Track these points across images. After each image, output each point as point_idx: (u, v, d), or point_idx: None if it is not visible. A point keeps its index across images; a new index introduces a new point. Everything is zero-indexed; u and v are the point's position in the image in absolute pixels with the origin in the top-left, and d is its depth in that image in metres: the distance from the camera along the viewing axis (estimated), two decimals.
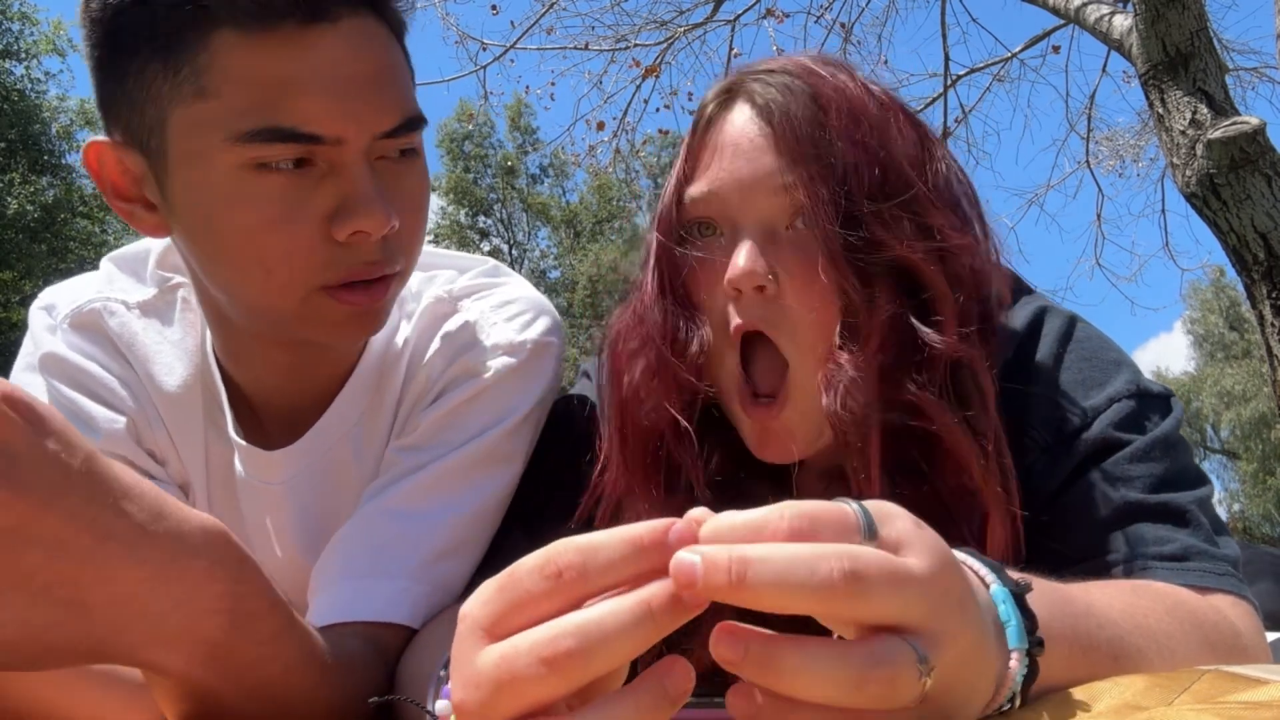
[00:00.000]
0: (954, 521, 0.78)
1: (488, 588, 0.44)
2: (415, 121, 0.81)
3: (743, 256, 0.80)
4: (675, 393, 0.84)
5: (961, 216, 0.85)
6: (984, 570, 0.51)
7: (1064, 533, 0.82)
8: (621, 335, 0.90)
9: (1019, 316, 0.92)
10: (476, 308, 0.99)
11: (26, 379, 0.94)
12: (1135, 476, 0.82)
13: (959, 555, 0.50)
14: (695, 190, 0.86)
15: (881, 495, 0.73)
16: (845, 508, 0.43)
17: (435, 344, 0.98)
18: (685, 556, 0.40)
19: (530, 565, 0.42)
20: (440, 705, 0.47)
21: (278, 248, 0.77)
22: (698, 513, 0.43)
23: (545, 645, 0.40)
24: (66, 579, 0.48)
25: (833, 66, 0.87)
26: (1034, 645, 0.48)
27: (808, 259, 0.80)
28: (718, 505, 0.63)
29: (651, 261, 0.89)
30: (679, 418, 0.84)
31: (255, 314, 0.85)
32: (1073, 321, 0.92)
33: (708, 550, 0.39)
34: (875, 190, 0.80)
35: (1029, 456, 0.85)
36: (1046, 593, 0.57)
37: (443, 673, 0.57)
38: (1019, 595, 0.50)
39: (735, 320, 0.82)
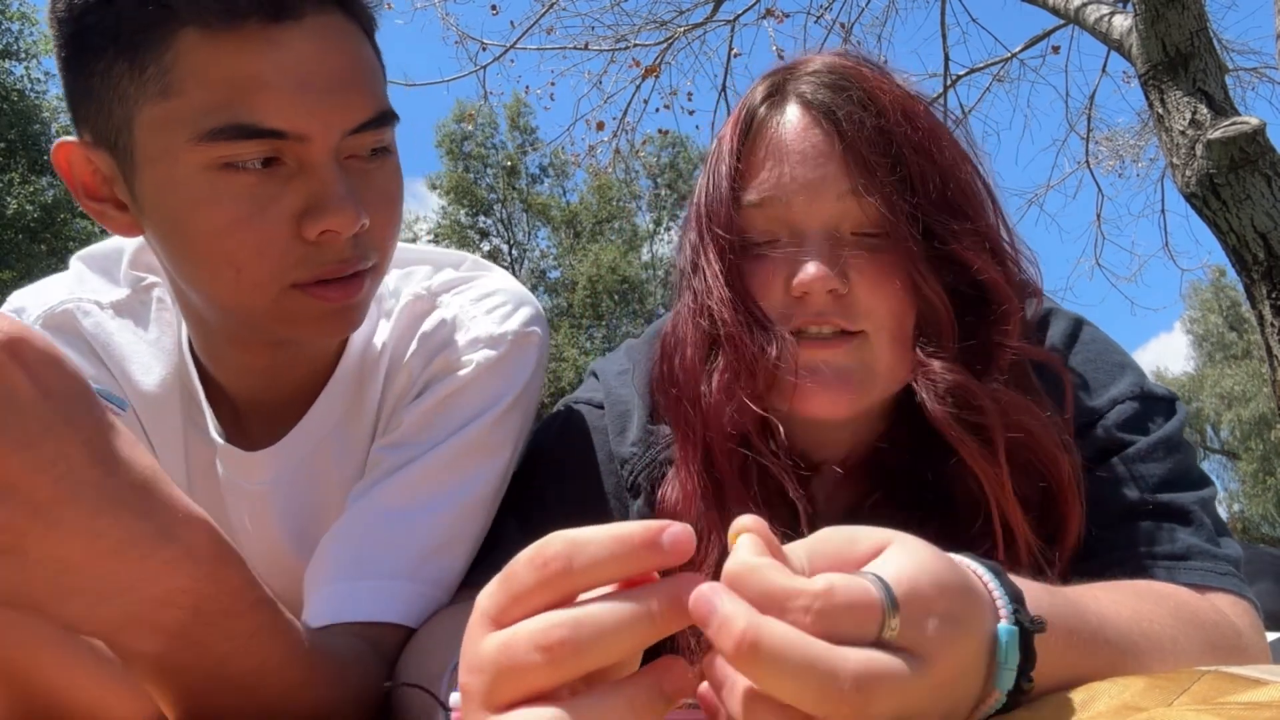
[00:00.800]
0: (1044, 522, 0.80)
1: (494, 579, 0.45)
2: (385, 117, 0.81)
3: (813, 265, 0.79)
4: (756, 399, 0.83)
5: (1003, 224, 0.87)
6: (1000, 597, 0.49)
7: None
8: (687, 341, 0.88)
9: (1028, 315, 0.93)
10: (455, 302, 0.98)
11: None
12: (1138, 476, 0.83)
13: (974, 568, 0.50)
14: (754, 195, 0.84)
15: (1011, 496, 0.76)
16: (870, 594, 0.41)
17: (415, 342, 0.97)
18: (707, 599, 0.40)
19: (524, 557, 0.44)
20: (454, 696, 0.48)
21: (247, 247, 0.77)
22: (747, 521, 0.43)
23: (540, 634, 0.41)
24: (7, 524, 0.47)
25: (872, 65, 0.86)
26: (1021, 691, 0.49)
27: (877, 263, 0.80)
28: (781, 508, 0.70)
29: (714, 264, 0.86)
30: (765, 414, 0.83)
31: (229, 313, 0.84)
32: (1079, 324, 0.93)
33: (729, 608, 0.40)
34: (940, 197, 0.80)
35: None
36: (1056, 621, 0.55)
37: (458, 663, 0.58)
38: (1024, 636, 0.48)
39: (802, 317, 0.82)
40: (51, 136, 16.46)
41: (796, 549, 0.45)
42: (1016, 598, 0.49)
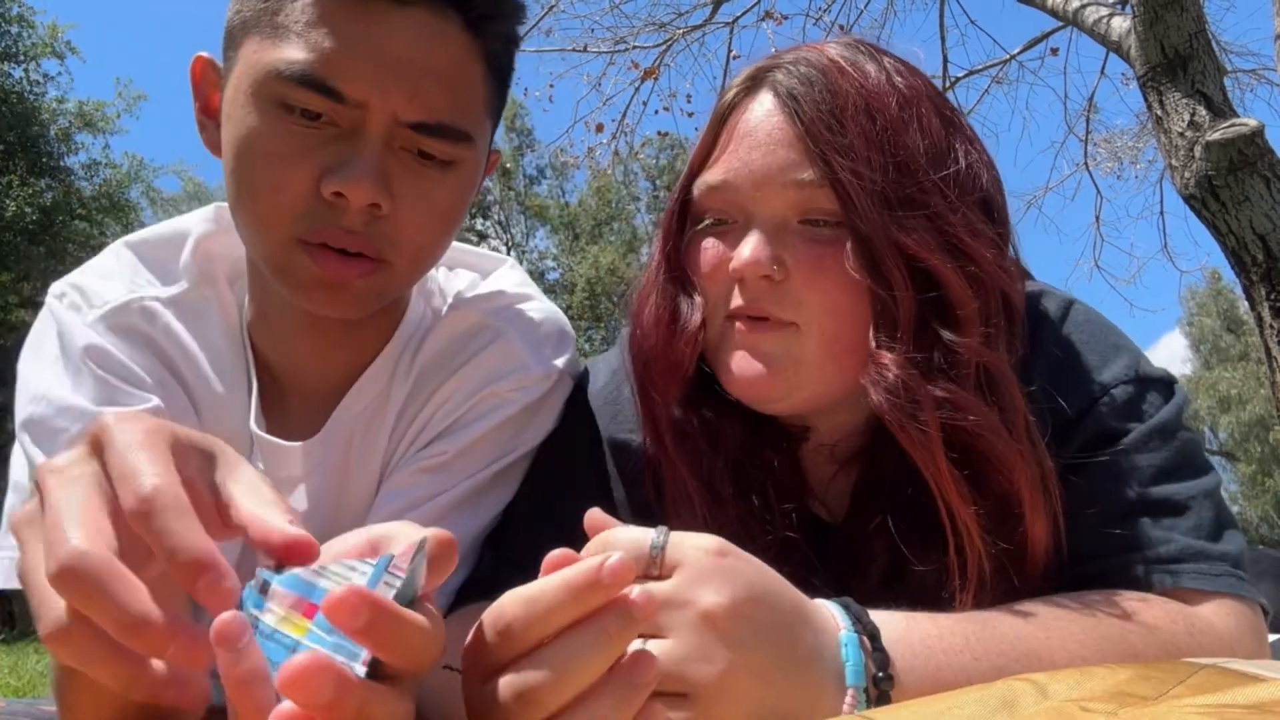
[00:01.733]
0: (1003, 524, 0.78)
1: (472, 633, 0.51)
2: (449, 130, 0.82)
3: (748, 247, 0.81)
4: (677, 370, 0.86)
5: (985, 213, 0.84)
6: (837, 613, 0.60)
7: (1065, 529, 0.80)
8: (635, 322, 0.93)
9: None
10: (509, 326, 1.00)
11: (55, 371, 0.91)
12: (1134, 469, 0.81)
13: (821, 602, 0.60)
14: (710, 177, 0.86)
15: (954, 489, 0.75)
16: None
17: (464, 359, 0.98)
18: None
19: (487, 620, 0.49)
20: None
21: (267, 181, 0.81)
22: (615, 564, 0.47)
23: (518, 682, 0.47)
24: None
25: (863, 54, 0.86)
26: (882, 681, 0.55)
27: (818, 252, 0.81)
28: (742, 477, 0.80)
29: (661, 240, 0.91)
30: (681, 390, 0.87)
31: (253, 251, 0.88)
32: (1069, 304, 0.91)
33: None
34: (890, 192, 0.79)
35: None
36: (924, 624, 0.64)
37: None
38: (871, 637, 0.56)
39: (737, 301, 0.83)
40: (50, 139, 16.47)
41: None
42: (846, 604, 0.60)
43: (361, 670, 0.43)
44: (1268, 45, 5.88)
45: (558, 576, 0.47)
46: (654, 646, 0.47)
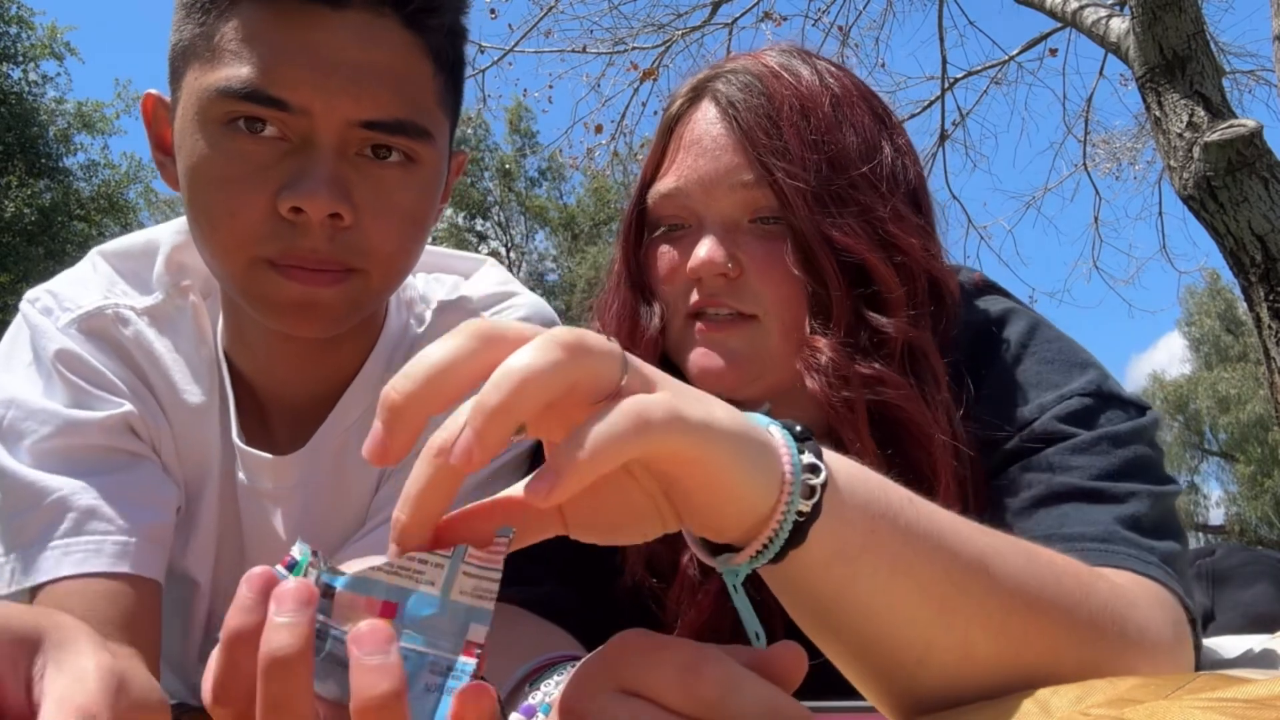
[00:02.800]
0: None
1: None
2: (405, 126, 0.80)
3: (704, 248, 0.86)
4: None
5: (912, 204, 0.90)
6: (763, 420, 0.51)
7: (994, 517, 0.80)
8: (598, 323, 0.96)
9: (982, 311, 0.93)
10: None
11: (27, 375, 0.91)
12: (1074, 466, 0.79)
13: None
14: (662, 186, 0.91)
15: (872, 462, 0.73)
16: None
17: None
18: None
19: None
20: (514, 717, 0.49)
21: (222, 205, 0.79)
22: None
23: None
24: None
25: (796, 59, 0.92)
26: (804, 437, 0.48)
27: (769, 249, 0.87)
28: None
29: (618, 258, 0.96)
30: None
31: (219, 278, 0.87)
32: (1035, 325, 0.91)
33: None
34: (823, 186, 0.85)
35: (969, 449, 0.84)
36: (860, 467, 0.54)
37: (529, 689, 0.62)
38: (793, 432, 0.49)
39: (695, 298, 0.88)
40: (49, 140, 16.47)
41: None
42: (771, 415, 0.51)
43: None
44: (1266, 46, 5.89)
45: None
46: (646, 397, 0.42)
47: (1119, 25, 4.83)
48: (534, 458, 1.02)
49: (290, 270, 0.80)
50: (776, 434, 0.48)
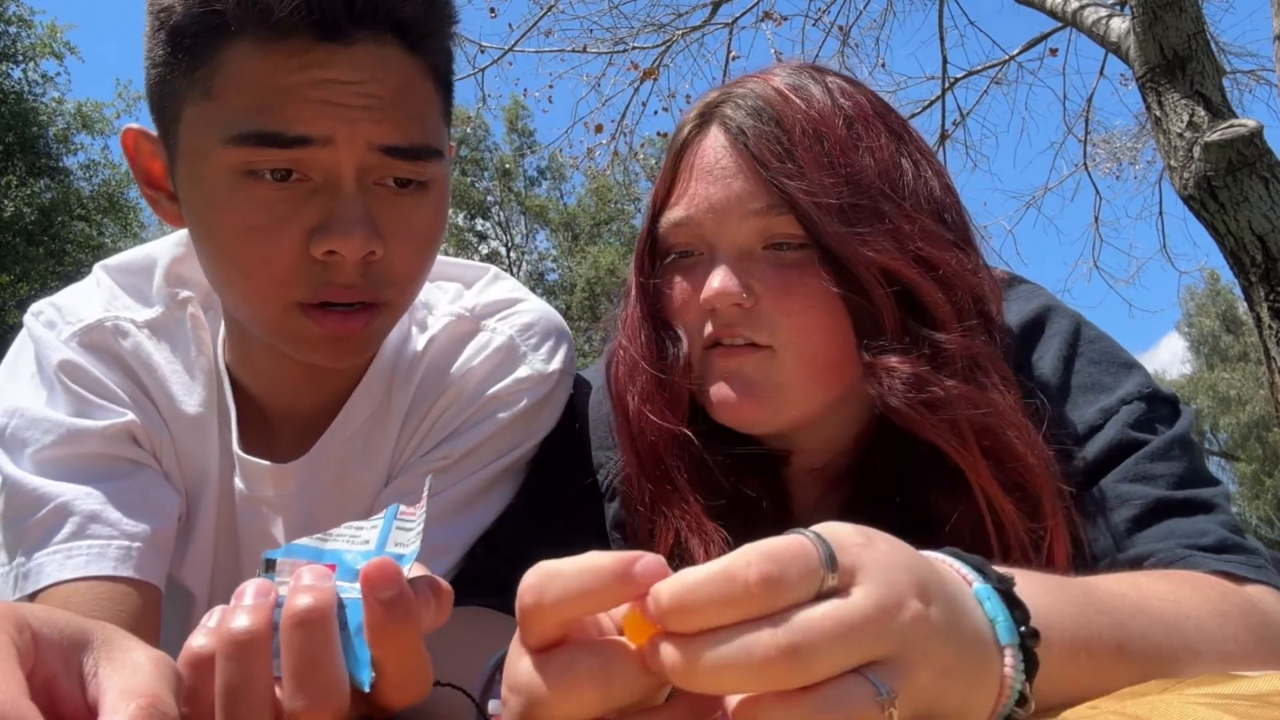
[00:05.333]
0: (1032, 518, 0.79)
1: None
2: (423, 151, 0.80)
3: (718, 278, 0.84)
4: (670, 407, 0.88)
5: (942, 223, 0.86)
6: (964, 569, 0.49)
7: (1090, 534, 0.81)
8: (617, 360, 0.94)
9: (1018, 311, 0.92)
10: (504, 329, 1.00)
11: (30, 386, 0.92)
12: (1159, 475, 0.81)
13: (936, 556, 0.50)
14: (673, 215, 0.89)
15: (990, 478, 0.76)
16: (804, 542, 0.42)
17: (462, 364, 0.99)
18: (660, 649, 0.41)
19: (521, 586, 0.45)
20: (494, 704, 0.50)
21: (256, 255, 0.78)
22: (650, 561, 0.43)
23: (566, 667, 0.43)
24: None
25: (807, 78, 0.89)
26: (1028, 637, 0.47)
27: (784, 276, 0.84)
28: (727, 509, 0.73)
29: (634, 287, 0.94)
30: (677, 427, 0.87)
31: (244, 319, 0.86)
32: (1079, 324, 0.92)
33: (664, 649, 0.41)
34: (847, 207, 0.82)
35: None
36: (1037, 582, 0.55)
37: (491, 671, 0.59)
38: (1004, 590, 0.48)
39: (711, 329, 0.86)
40: (49, 139, 16.47)
41: None
42: (976, 566, 0.49)
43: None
44: (1266, 46, 5.89)
45: (584, 559, 0.44)
46: (890, 678, 0.40)
47: (1119, 25, 4.83)
48: (533, 463, 1.02)
49: (321, 313, 0.80)
50: (1003, 637, 0.47)
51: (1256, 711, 0.43)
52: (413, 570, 0.46)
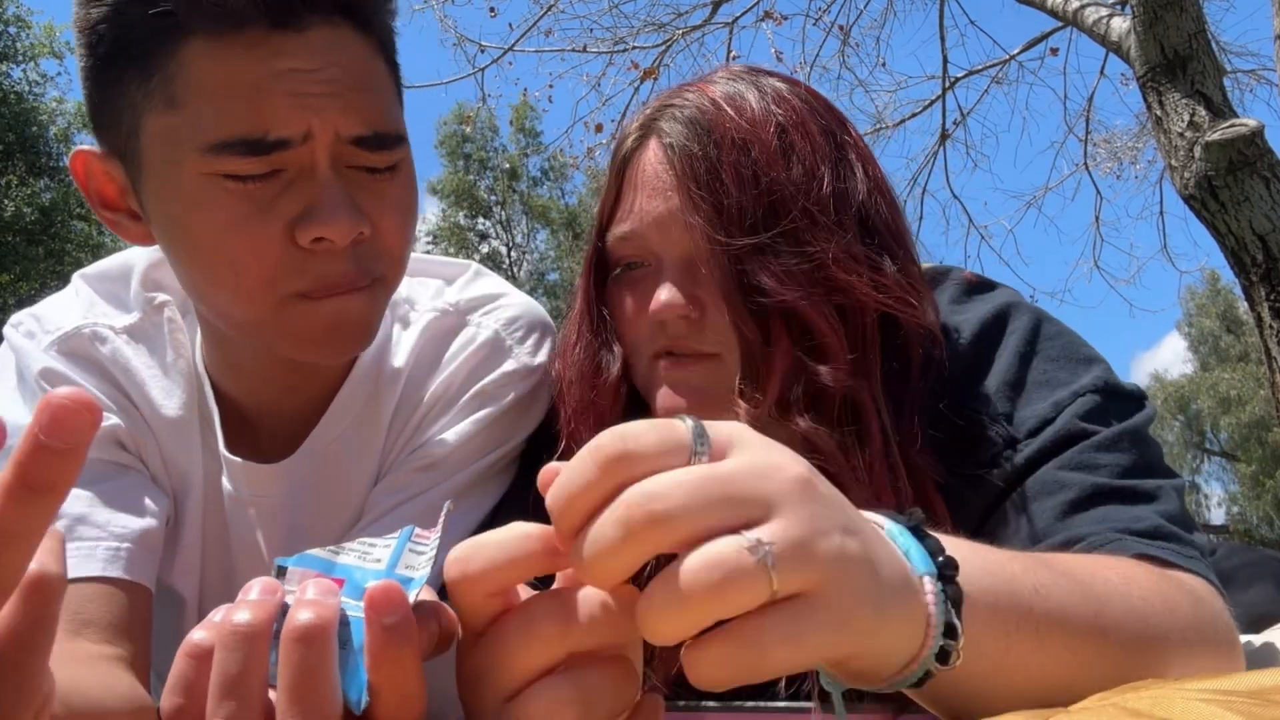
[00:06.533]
0: None
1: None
2: (388, 139, 0.80)
3: (664, 292, 0.86)
4: (598, 424, 0.89)
5: (865, 231, 0.86)
6: (875, 516, 0.48)
7: (1026, 518, 0.80)
8: (558, 379, 0.96)
9: (978, 311, 0.92)
10: (488, 324, 1.00)
11: (11, 397, 0.93)
12: (1102, 465, 0.80)
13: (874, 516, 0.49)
14: (619, 230, 0.91)
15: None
16: (672, 421, 0.42)
17: (449, 360, 0.99)
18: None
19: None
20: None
21: (243, 251, 0.77)
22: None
23: (526, 617, 0.43)
24: None
25: (745, 84, 0.89)
26: (945, 568, 0.46)
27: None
28: None
29: (579, 301, 0.95)
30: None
31: (235, 325, 0.84)
32: (1039, 320, 0.91)
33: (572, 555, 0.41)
34: (759, 227, 0.83)
35: (989, 451, 0.84)
36: (961, 544, 0.53)
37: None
38: (913, 528, 0.48)
39: (661, 341, 0.87)
40: (49, 139, 16.48)
41: None
42: (900, 518, 0.48)
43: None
44: (1267, 45, 5.88)
45: (509, 529, 0.45)
46: (762, 531, 0.38)
47: (1120, 24, 4.83)
48: (524, 458, 1.01)
49: (324, 297, 0.80)
50: (918, 566, 0.46)
51: (1258, 710, 0.43)
52: (421, 594, 0.45)
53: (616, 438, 0.40)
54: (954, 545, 0.50)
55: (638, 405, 0.92)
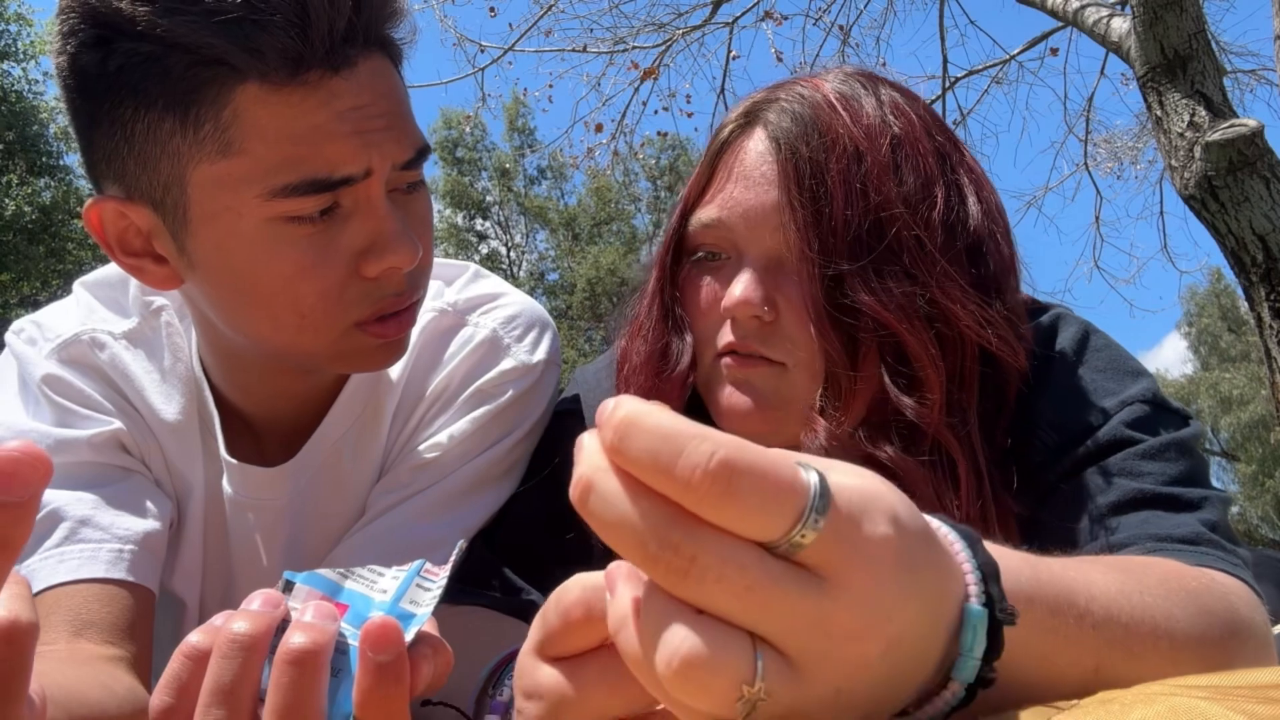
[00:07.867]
0: None
1: (540, 612, 0.45)
2: (426, 152, 0.82)
3: (740, 287, 0.82)
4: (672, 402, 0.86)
5: (973, 257, 0.83)
6: (972, 575, 0.40)
7: (1068, 520, 0.80)
8: (625, 357, 0.93)
9: (1032, 327, 0.91)
10: (486, 323, 1.01)
11: (13, 403, 0.93)
12: (1147, 473, 0.80)
13: (949, 532, 0.42)
14: (704, 215, 0.86)
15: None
16: (799, 475, 0.34)
17: (448, 359, 0.99)
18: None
19: (551, 602, 0.44)
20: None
21: (312, 293, 0.78)
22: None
23: (604, 669, 0.42)
24: None
25: (861, 87, 0.85)
26: (986, 673, 0.40)
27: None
28: None
29: (652, 283, 0.91)
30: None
31: (286, 355, 0.85)
32: (1087, 332, 0.91)
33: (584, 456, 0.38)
34: (863, 243, 0.79)
35: (1036, 457, 0.84)
36: (1025, 570, 0.47)
37: (493, 690, 0.59)
38: (994, 621, 0.40)
39: (728, 338, 0.84)
40: (49, 138, 16.46)
41: None
42: (990, 573, 0.41)
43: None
44: (1267, 45, 5.88)
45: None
46: (774, 683, 0.33)
47: (1120, 25, 4.83)
48: (530, 460, 1.01)
49: (376, 326, 0.82)
50: (973, 603, 0.39)
51: (1258, 708, 0.43)
52: (425, 627, 0.46)
53: (726, 466, 0.33)
54: (1018, 575, 0.44)
55: (695, 399, 0.89)
